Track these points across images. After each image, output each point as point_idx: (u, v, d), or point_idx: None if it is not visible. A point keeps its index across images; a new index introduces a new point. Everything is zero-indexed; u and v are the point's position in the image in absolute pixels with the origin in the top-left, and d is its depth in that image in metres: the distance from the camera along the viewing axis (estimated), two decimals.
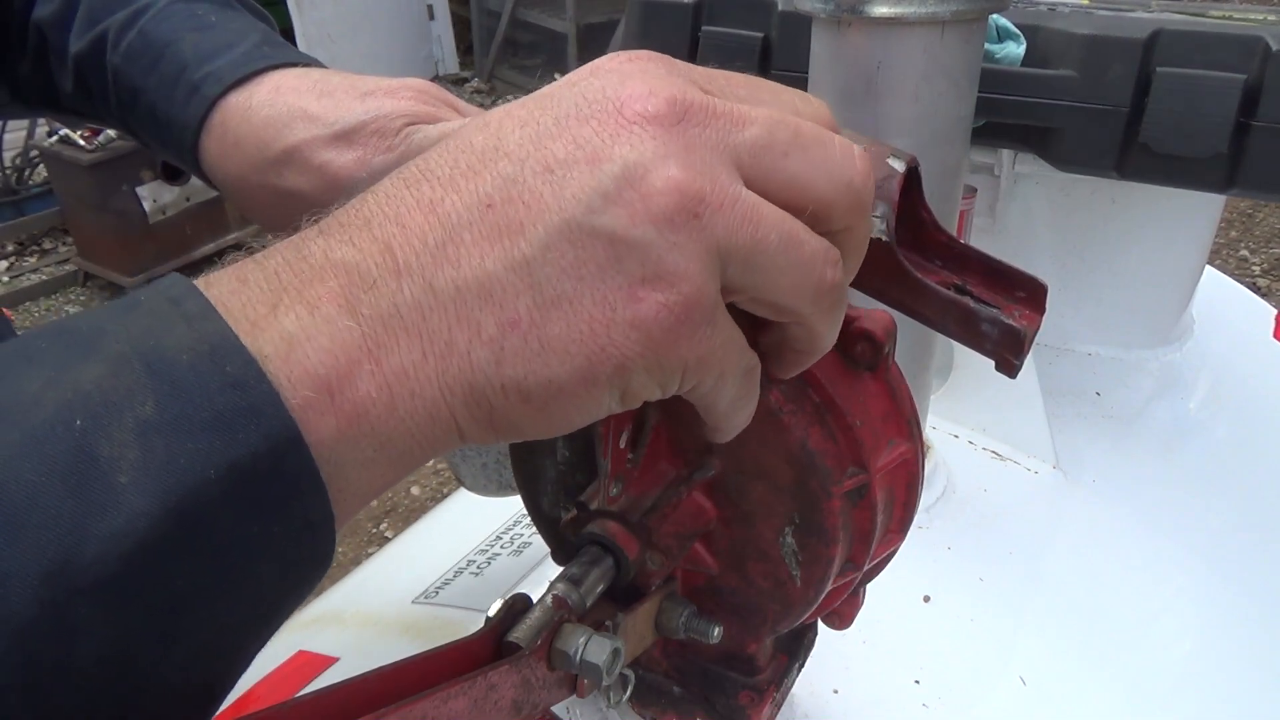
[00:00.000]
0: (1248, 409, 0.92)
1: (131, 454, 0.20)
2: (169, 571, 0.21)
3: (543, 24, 5.38)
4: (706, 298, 0.25)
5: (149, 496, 0.20)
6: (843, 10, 0.53)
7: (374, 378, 0.23)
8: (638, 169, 0.24)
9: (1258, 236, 3.86)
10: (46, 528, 0.19)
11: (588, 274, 0.24)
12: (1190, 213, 0.85)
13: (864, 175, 0.27)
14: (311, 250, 0.24)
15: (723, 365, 0.27)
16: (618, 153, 0.24)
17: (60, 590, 0.19)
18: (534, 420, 0.25)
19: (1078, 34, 0.69)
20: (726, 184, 0.25)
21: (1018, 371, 0.34)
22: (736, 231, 0.25)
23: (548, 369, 0.24)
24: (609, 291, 0.24)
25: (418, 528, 0.88)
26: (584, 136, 0.25)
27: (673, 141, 0.24)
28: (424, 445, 0.25)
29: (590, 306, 0.24)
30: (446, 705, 0.28)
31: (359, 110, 0.46)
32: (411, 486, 2.55)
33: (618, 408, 0.26)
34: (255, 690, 0.61)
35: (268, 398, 0.22)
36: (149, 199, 3.53)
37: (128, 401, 0.21)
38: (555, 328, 0.24)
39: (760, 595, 0.40)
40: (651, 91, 0.25)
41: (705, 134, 0.25)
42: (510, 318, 0.24)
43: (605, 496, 0.37)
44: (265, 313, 0.23)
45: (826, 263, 0.27)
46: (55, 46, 0.53)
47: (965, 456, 0.82)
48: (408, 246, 0.24)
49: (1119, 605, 0.70)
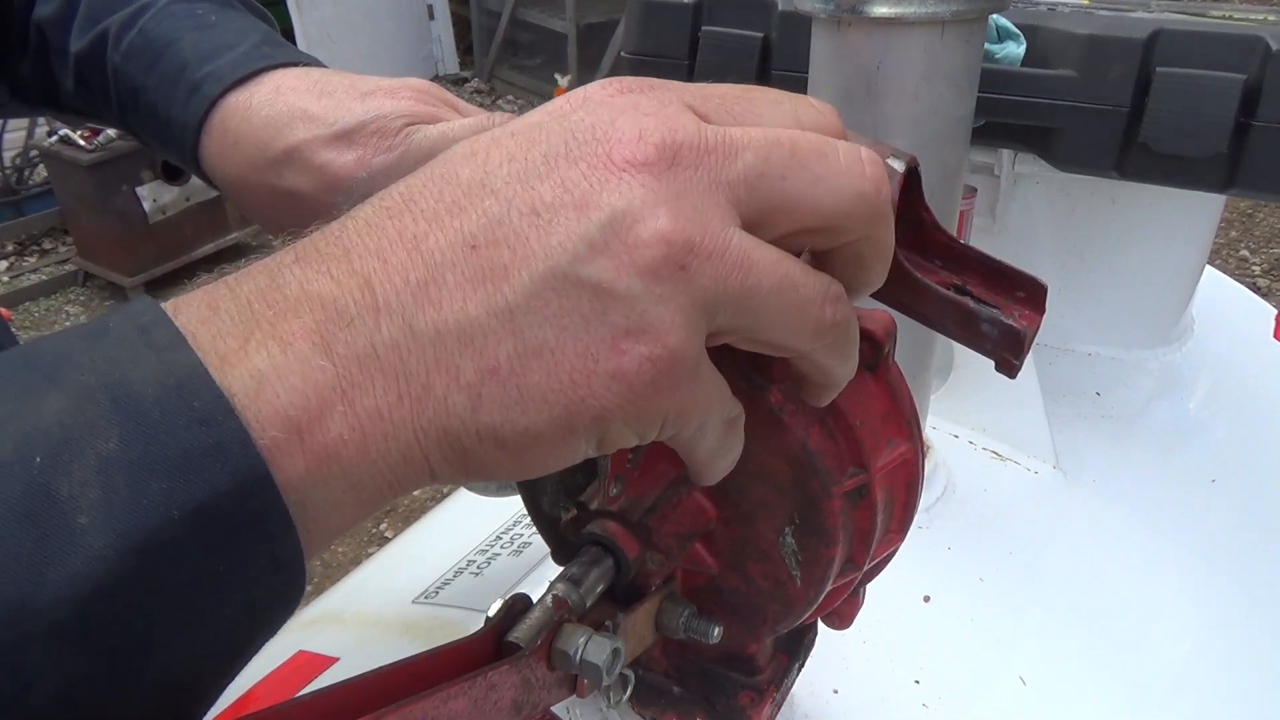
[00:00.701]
0: (1248, 409, 0.92)
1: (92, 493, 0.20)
2: (129, 613, 0.20)
3: (543, 24, 5.38)
4: (690, 351, 0.24)
5: (109, 537, 0.20)
6: (843, 10, 0.53)
7: (346, 419, 0.23)
8: (625, 218, 0.23)
9: (1258, 236, 3.86)
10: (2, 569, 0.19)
11: (570, 324, 0.23)
12: (1190, 213, 0.85)
13: (875, 181, 0.26)
14: (287, 280, 0.24)
15: (704, 416, 0.27)
16: (605, 200, 0.23)
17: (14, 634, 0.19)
18: (507, 465, 0.25)
19: (1078, 34, 0.69)
20: (718, 231, 0.24)
21: (1018, 371, 0.34)
22: (725, 280, 0.24)
23: (525, 417, 0.24)
24: (591, 342, 0.23)
25: (418, 528, 0.88)
26: (572, 179, 0.24)
27: (662, 189, 0.24)
28: (394, 485, 0.24)
29: (572, 357, 0.23)
30: (446, 705, 0.28)
31: (359, 110, 0.46)
32: None
33: (594, 454, 0.26)
34: (255, 690, 0.62)
35: (235, 435, 0.21)
36: (149, 199, 3.53)
37: (90, 437, 0.20)
38: (535, 376, 0.23)
39: (760, 595, 0.40)
40: (641, 135, 0.24)
41: (697, 176, 0.24)
42: (490, 364, 0.23)
43: (605, 496, 0.37)
44: (236, 347, 0.22)
45: (825, 301, 0.26)
46: (56, 45, 0.53)
47: (965, 456, 0.82)
48: (388, 284, 0.23)
49: (1119, 605, 0.70)
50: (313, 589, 1.40)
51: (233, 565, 0.22)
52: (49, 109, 0.59)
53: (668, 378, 0.24)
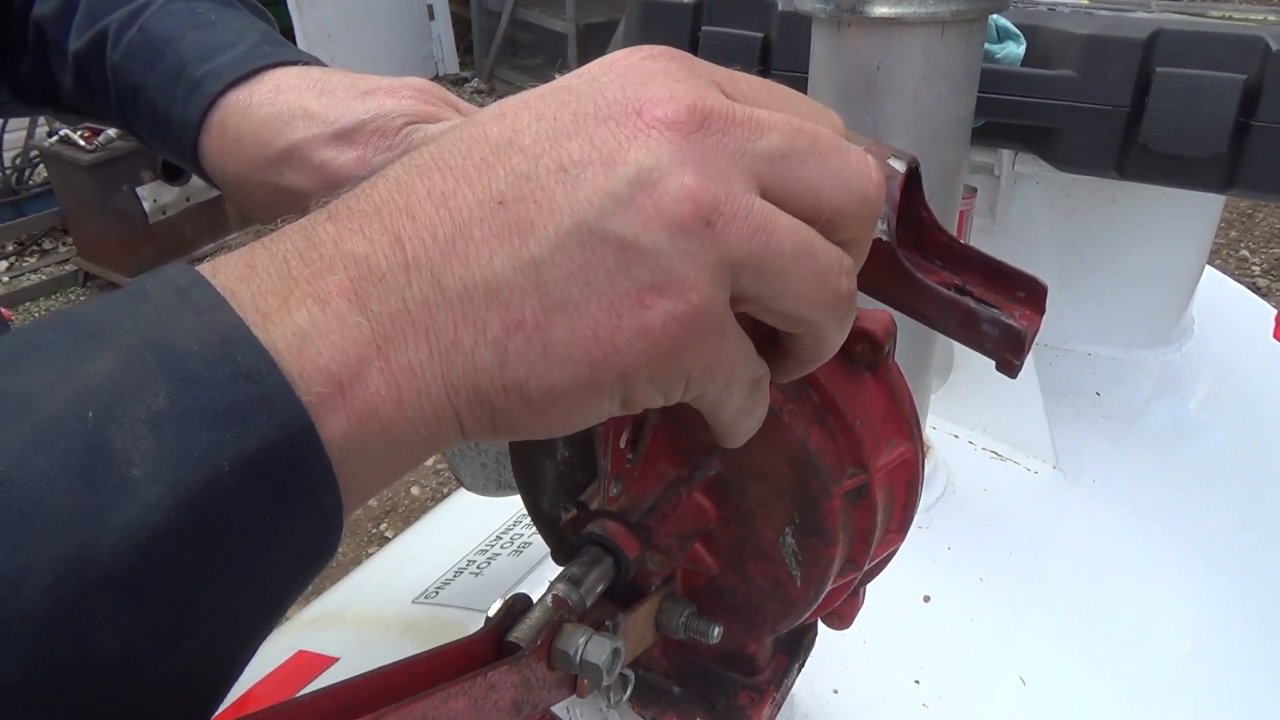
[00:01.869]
0: (1248, 409, 0.92)
1: (145, 446, 0.20)
2: (185, 563, 0.21)
3: (543, 24, 5.38)
4: (715, 308, 0.24)
5: (163, 488, 0.20)
6: (843, 10, 0.53)
7: (383, 375, 0.23)
8: (652, 174, 0.24)
9: (1258, 236, 3.86)
10: (62, 522, 0.19)
11: (596, 278, 0.23)
12: (1190, 213, 0.85)
13: (878, 187, 0.27)
14: (321, 238, 0.24)
15: (729, 376, 0.27)
16: (633, 156, 0.24)
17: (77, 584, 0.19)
18: (534, 422, 0.25)
19: (1078, 34, 0.69)
20: (741, 193, 0.24)
21: (1018, 371, 0.34)
22: (750, 241, 0.24)
23: (550, 373, 0.24)
24: (616, 298, 0.24)
25: (418, 528, 0.88)
26: (600, 138, 0.24)
27: (690, 149, 0.24)
28: (428, 442, 0.25)
29: (597, 312, 0.24)
30: (446, 705, 0.28)
31: (359, 109, 0.46)
32: (411, 487, 2.55)
33: (619, 412, 0.26)
34: (255, 690, 0.61)
35: (279, 388, 0.22)
36: (149, 199, 3.53)
37: (139, 394, 0.21)
38: (560, 332, 0.24)
39: (760, 595, 0.40)
40: (672, 96, 0.25)
41: (724, 142, 0.25)
42: (516, 319, 0.23)
43: (605, 496, 0.37)
44: (276, 305, 0.23)
45: (841, 272, 0.27)
46: (55, 44, 0.53)
47: (965, 456, 0.82)
48: (417, 240, 0.24)
49: (1119, 605, 0.70)
50: (313, 589, 1.40)
51: (280, 514, 0.22)
52: (49, 108, 0.59)
53: (692, 335, 0.24)
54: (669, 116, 0.24)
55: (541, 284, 0.23)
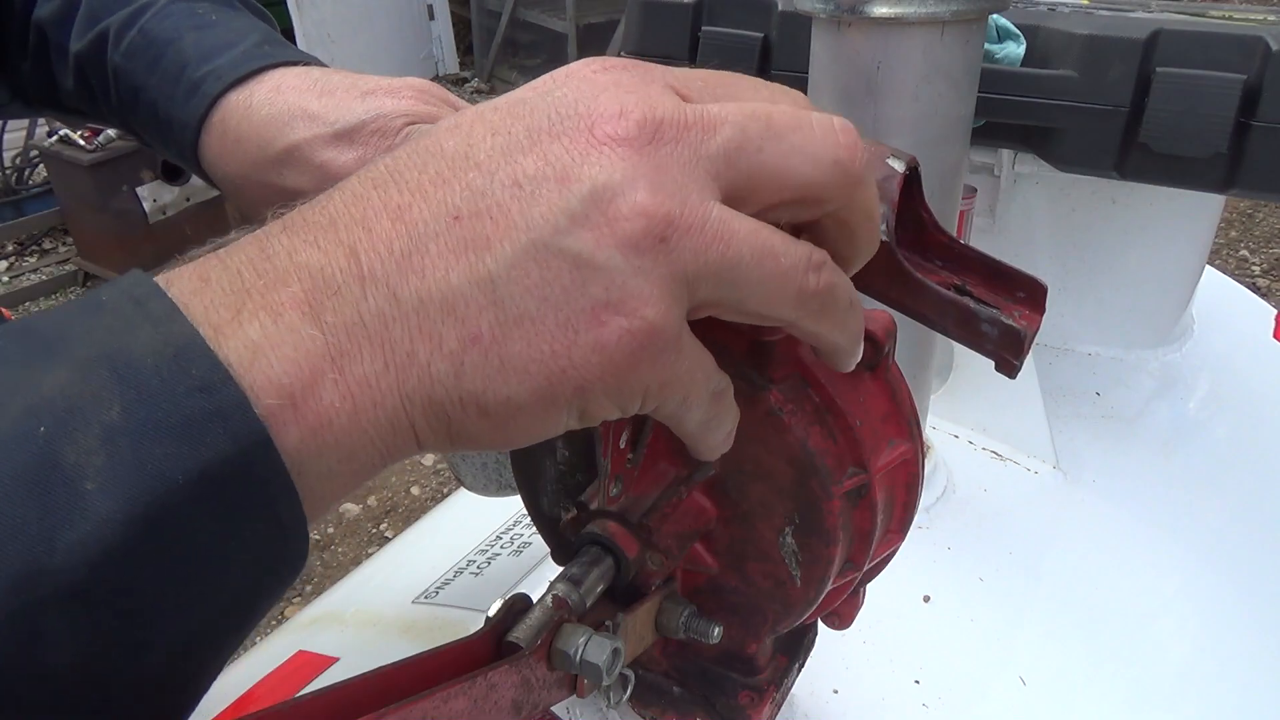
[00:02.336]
0: (1248, 409, 0.92)
1: (98, 460, 0.20)
2: (138, 577, 0.21)
3: (543, 24, 5.38)
4: (670, 324, 0.25)
5: (116, 502, 0.20)
6: (843, 10, 0.53)
7: (337, 387, 0.23)
8: (606, 192, 0.24)
9: (1258, 236, 3.86)
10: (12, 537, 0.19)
11: (551, 295, 0.24)
12: (1190, 213, 0.85)
13: (849, 148, 0.27)
14: (275, 250, 0.24)
15: (686, 389, 0.27)
16: (587, 173, 0.24)
17: (27, 599, 0.19)
18: (491, 434, 0.25)
19: (1078, 34, 0.69)
20: (697, 204, 0.25)
21: (1018, 372, 0.34)
22: (706, 253, 0.25)
23: (507, 386, 0.24)
24: (572, 314, 0.24)
25: (418, 528, 0.88)
26: (554, 153, 0.24)
27: (643, 163, 0.24)
28: (384, 454, 0.25)
29: (552, 327, 0.24)
30: (446, 705, 0.28)
31: (360, 109, 0.46)
32: (411, 487, 2.55)
33: (576, 425, 0.26)
34: (255, 690, 0.61)
35: (234, 400, 0.22)
36: (149, 199, 3.52)
37: (93, 407, 0.21)
38: (516, 346, 0.24)
39: (760, 595, 0.40)
40: (623, 111, 0.25)
41: (677, 151, 0.25)
42: (472, 333, 0.24)
43: (605, 496, 0.37)
44: (229, 318, 0.23)
45: (809, 269, 0.26)
46: (56, 45, 0.53)
47: (965, 456, 0.82)
48: (373, 253, 0.24)
49: (1119, 605, 0.70)
50: (313, 589, 1.41)
51: (238, 528, 0.22)
52: (49, 109, 0.59)
53: (647, 350, 0.24)
54: (619, 133, 0.24)
55: (498, 299, 0.24)
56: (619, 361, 0.24)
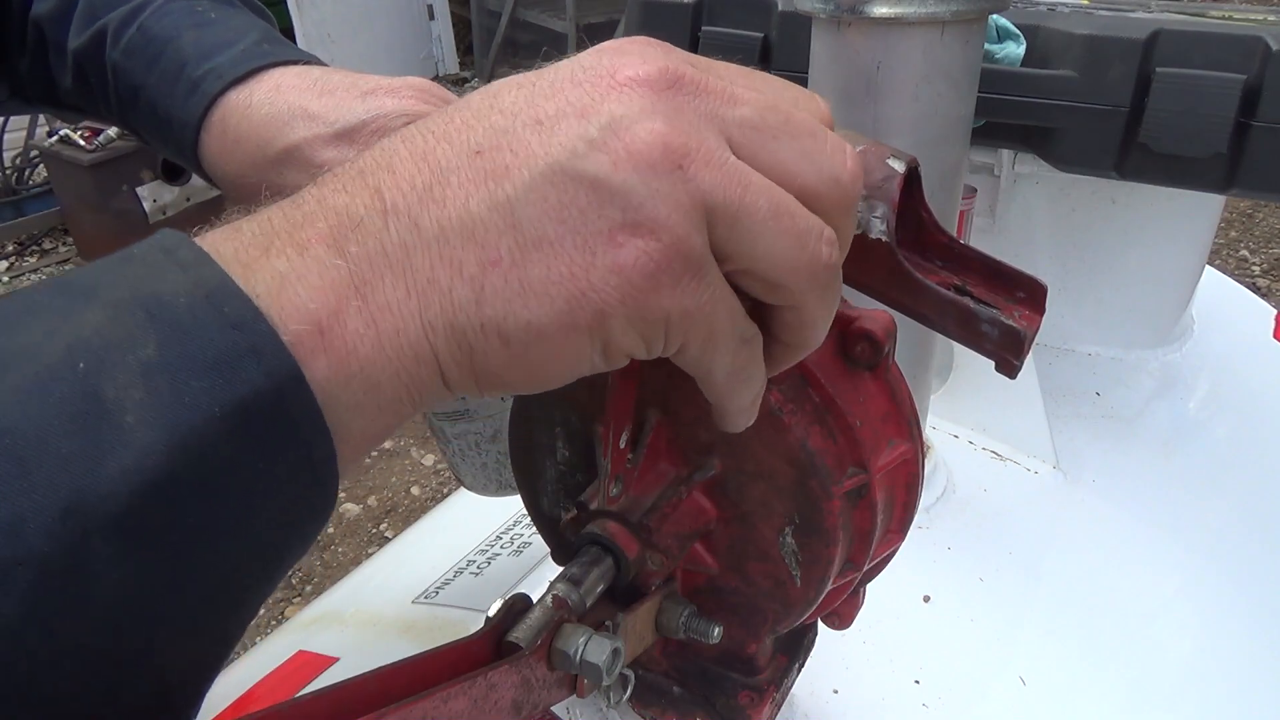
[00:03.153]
0: (1248, 409, 0.92)
1: (136, 394, 0.21)
2: (179, 508, 0.21)
3: (543, 24, 5.38)
4: (689, 249, 0.25)
5: (156, 433, 0.21)
6: (843, 10, 0.53)
7: (361, 315, 0.24)
8: (624, 120, 0.24)
9: (1258, 236, 3.86)
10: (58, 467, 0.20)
11: (569, 217, 0.24)
12: (1190, 213, 0.85)
13: (853, 175, 0.27)
14: (305, 199, 0.25)
15: (711, 325, 0.26)
16: (606, 108, 0.25)
17: (76, 527, 0.20)
18: (514, 366, 0.25)
19: (1078, 34, 0.69)
20: (714, 146, 0.25)
21: (1018, 372, 0.34)
22: (723, 188, 0.25)
23: (527, 310, 0.24)
24: (589, 236, 0.24)
25: (418, 528, 0.88)
26: (575, 96, 0.25)
27: (661, 102, 0.25)
28: (410, 389, 0.25)
29: (571, 250, 0.24)
30: (446, 705, 0.28)
31: (360, 109, 0.46)
32: (411, 487, 2.55)
33: (601, 363, 0.26)
34: (255, 690, 0.61)
35: (268, 337, 0.22)
36: (149, 199, 3.52)
37: (129, 345, 0.21)
38: (535, 269, 0.24)
39: (760, 595, 0.40)
40: (645, 60, 0.26)
41: (695, 102, 0.26)
42: (491, 257, 0.24)
43: (605, 496, 0.37)
44: (258, 255, 0.24)
45: (822, 239, 0.27)
46: (54, 43, 0.53)
47: (965, 456, 0.82)
48: (396, 190, 0.25)
49: (1119, 605, 0.70)
50: (313, 589, 1.41)
51: (272, 461, 0.23)
52: (48, 106, 0.58)
53: (666, 273, 0.25)
54: (640, 75, 0.25)
55: (516, 223, 0.24)
56: (638, 283, 0.24)
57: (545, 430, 0.42)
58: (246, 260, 0.23)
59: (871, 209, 0.32)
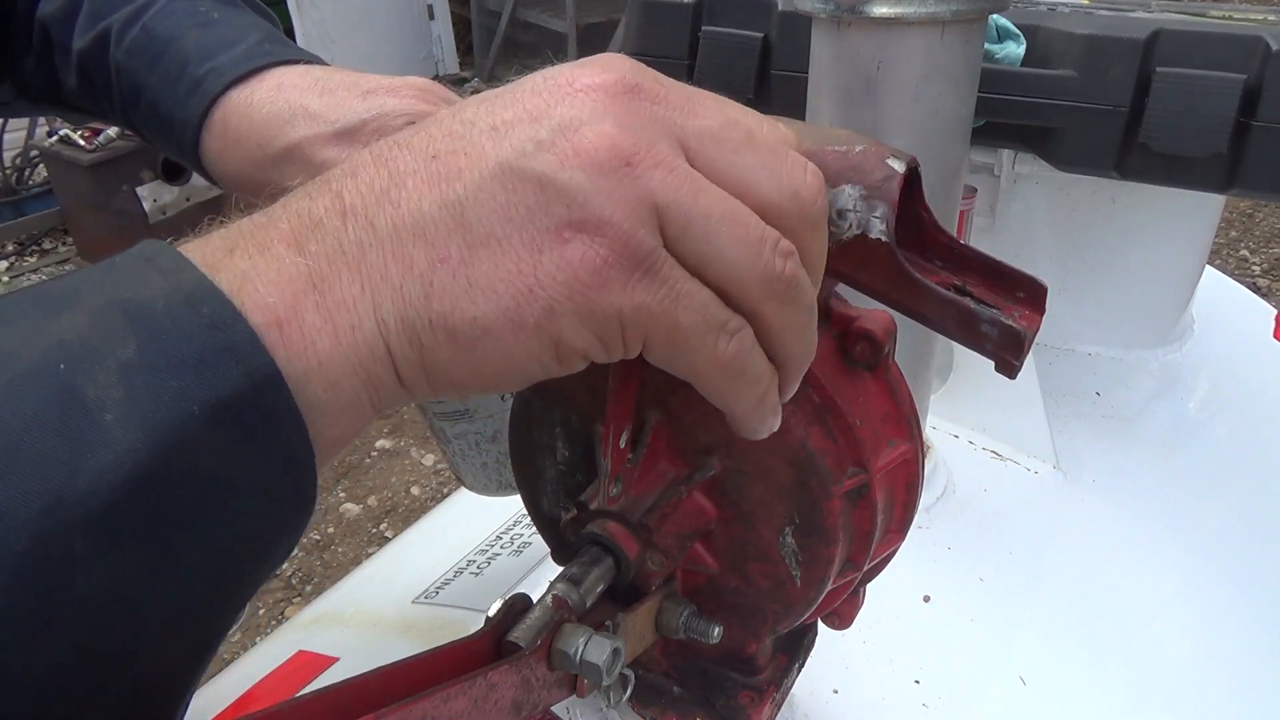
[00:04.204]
0: (1248, 409, 0.92)
1: (116, 394, 0.21)
2: (159, 505, 0.21)
3: (543, 24, 5.38)
4: (637, 246, 0.25)
5: (136, 432, 0.21)
6: (843, 10, 0.53)
7: (319, 309, 0.24)
8: (574, 122, 0.25)
9: (1258, 236, 3.86)
10: (38, 465, 0.20)
11: (517, 215, 0.25)
12: (1190, 213, 0.85)
13: (813, 189, 0.27)
14: (274, 208, 0.26)
15: (672, 321, 0.26)
16: (558, 111, 0.25)
17: (56, 524, 0.20)
18: (462, 363, 0.25)
19: (1078, 34, 0.69)
20: (665, 150, 0.25)
21: (1018, 372, 0.34)
22: (674, 190, 0.25)
23: (474, 306, 0.25)
24: (537, 233, 0.25)
25: (418, 528, 0.88)
26: (532, 103, 0.26)
27: (614, 105, 0.25)
28: (368, 388, 0.25)
29: (519, 247, 0.25)
30: (446, 705, 0.28)
31: (360, 108, 0.46)
32: (411, 487, 2.55)
33: (554, 364, 0.26)
34: (255, 690, 0.61)
35: (246, 337, 0.23)
36: (149, 199, 3.52)
37: (109, 346, 0.22)
38: (483, 266, 0.25)
39: (760, 595, 0.40)
40: (605, 69, 0.26)
41: (651, 109, 0.26)
42: (440, 254, 0.25)
43: (605, 496, 0.37)
44: (222, 257, 0.24)
45: (776, 251, 0.26)
46: (59, 43, 0.53)
47: (965, 456, 0.82)
48: (355, 192, 0.26)
49: (1119, 605, 0.70)
50: (313, 589, 1.41)
51: (250, 459, 0.23)
52: (53, 107, 0.59)
53: (614, 270, 0.25)
54: (597, 82, 0.26)
55: (465, 222, 0.25)
56: (585, 279, 0.25)
57: (545, 430, 0.42)
58: (213, 263, 0.24)
59: (871, 209, 0.32)
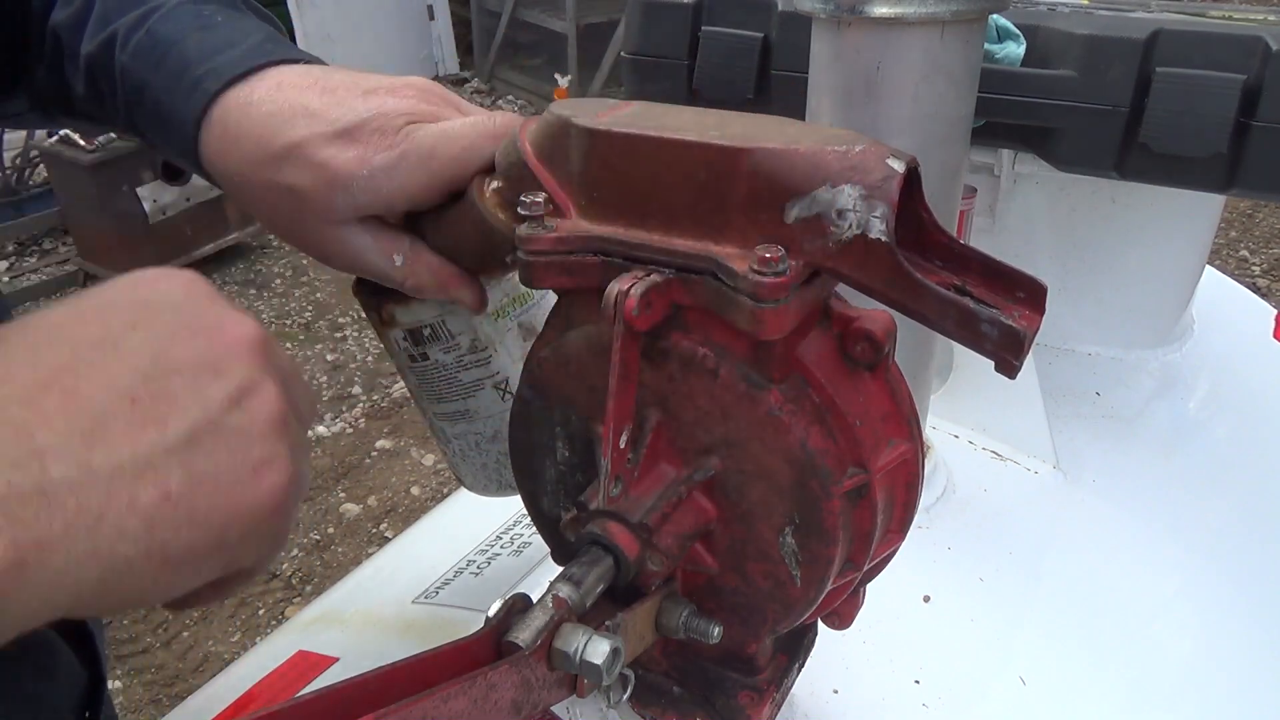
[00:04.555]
0: (1248, 409, 0.93)
1: None
2: None
3: (543, 24, 5.38)
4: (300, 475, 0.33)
5: None
6: (843, 10, 0.53)
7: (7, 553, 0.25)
8: (252, 382, 0.32)
9: (1258, 236, 3.87)
10: None
11: (223, 459, 0.30)
12: (1190, 213, 0.85)
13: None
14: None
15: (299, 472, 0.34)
16: (235, 370, 0.32)
17: None
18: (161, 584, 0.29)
19: (1078, 34, 0.69)
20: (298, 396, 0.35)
21: (1017, 372, 0.34)
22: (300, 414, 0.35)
23: (192, 534, 0.29)
24: (240, 472, 0.31)
25: (418, 528, 0.88)
26: (200, 348, 0.31)
27: (266, 363, 0.33)
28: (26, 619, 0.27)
29: (228, 483, 0.30)
30: (446, 705, 0.28)
31: (361, 108, 0.46)
32: (411, 487, 2.55)
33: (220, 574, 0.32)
34: (255, 690, 0.61)
35: None
36: (149, 199, 3.52)
37: None
38: (201, 500, 0.30)
39: (760, 595, 0.40)
40: (238, 319, 0.33)
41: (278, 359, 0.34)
42: (164, 491, 0.29)
43: (605, 496, 0.37)
44: None
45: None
46: (69, 49, 0.53)
47: (965, 456, 0.82)
48: (49, 431, 0.27)
49: (1119, 605, 0.70)
50: (313, 589, 1.40)
51: None
52: (63, 115, 0.58)
53: (293, 492, 0.33)
54: (245, 336, 0.33)
55: (184, 462, 0.29)
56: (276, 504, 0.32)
57: (545, 430, 0.42)
58: None
59: (871, 209, 0.32)
